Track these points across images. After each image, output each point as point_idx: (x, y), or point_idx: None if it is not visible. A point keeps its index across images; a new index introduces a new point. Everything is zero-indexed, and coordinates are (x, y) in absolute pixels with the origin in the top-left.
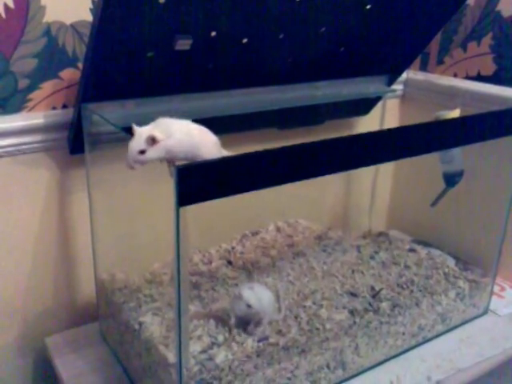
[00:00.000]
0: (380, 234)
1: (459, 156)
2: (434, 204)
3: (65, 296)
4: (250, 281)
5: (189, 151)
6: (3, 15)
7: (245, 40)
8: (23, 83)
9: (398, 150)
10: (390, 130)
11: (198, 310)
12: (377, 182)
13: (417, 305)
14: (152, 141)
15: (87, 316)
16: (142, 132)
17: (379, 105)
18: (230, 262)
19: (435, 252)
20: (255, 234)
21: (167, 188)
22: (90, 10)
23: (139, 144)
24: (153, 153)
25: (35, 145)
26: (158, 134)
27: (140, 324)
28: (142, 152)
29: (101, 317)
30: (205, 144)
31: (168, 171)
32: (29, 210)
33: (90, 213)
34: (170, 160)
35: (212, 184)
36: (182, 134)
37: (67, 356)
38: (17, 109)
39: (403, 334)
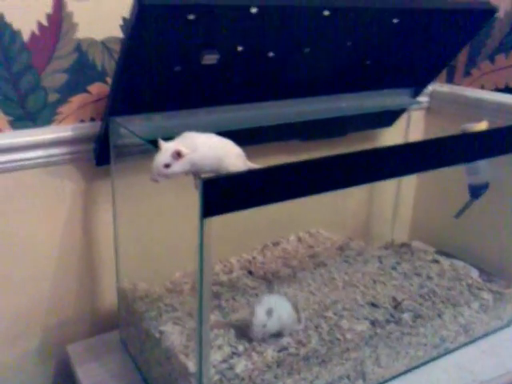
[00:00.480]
0: (402, 244)
1: (485, 168)
2: (458, 215)
3: (86, 304)
4: (270, 291)
5: (213, 163)
6: (37, 32)
7: (271, 54)
8: (53, 97)
9: (423, 163)
10: (415, 143)
11: (218, 320)
12: (400, 192)
13: (439, 316)
14: (177, 155)
15: (108, 324)
16: (167, 147)
17: (404, 116)
18: (250, 272)
19: (458, 263)
20: (276, 244)
21: (191, 199)
22: (120, 26)
23: (165, 158)
24: (178, 167)
25: (63, 156)
26: (183, 149)
27: (161, 333)
28: (167, 166)
29: (121, 325)
30: (229, 156)
31: (193, 183)
32: (55, 219)
33: (114, 222)
34: (195, 173)
35: (236, 196)
36: (207, 148)
37: (88, 364)
38: (46, 122)
39: (425, 345)
